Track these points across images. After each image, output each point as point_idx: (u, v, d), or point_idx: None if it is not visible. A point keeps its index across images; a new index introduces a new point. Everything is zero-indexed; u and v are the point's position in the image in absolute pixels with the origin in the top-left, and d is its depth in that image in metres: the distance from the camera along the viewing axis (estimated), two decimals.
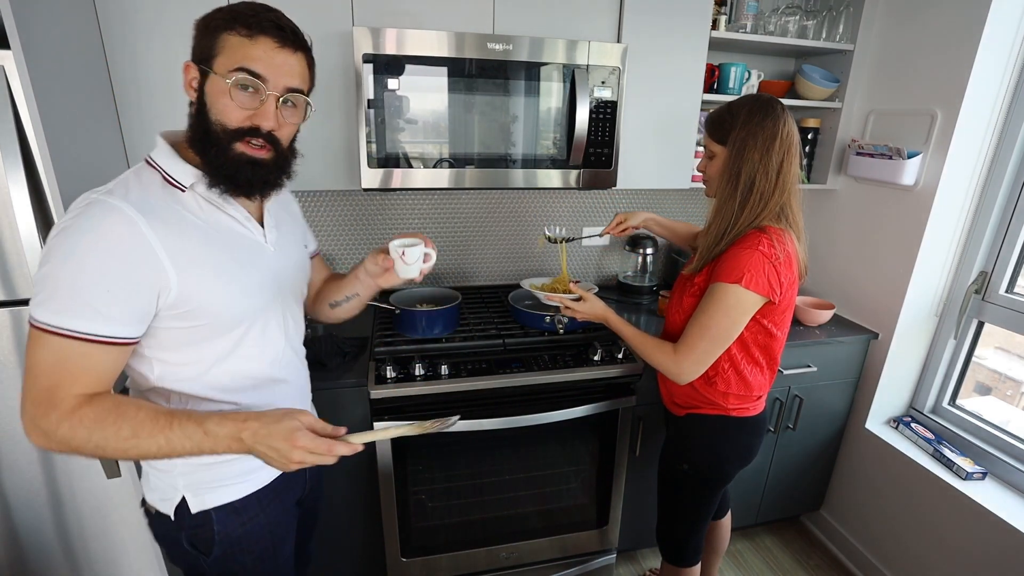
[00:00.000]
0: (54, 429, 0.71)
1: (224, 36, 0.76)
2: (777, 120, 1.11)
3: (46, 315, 0.70)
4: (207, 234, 0.82)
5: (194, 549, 0.91)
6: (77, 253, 0.70)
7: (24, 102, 1.05)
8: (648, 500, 1.80)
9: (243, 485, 0.92)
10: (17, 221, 1.08)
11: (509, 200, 2.01)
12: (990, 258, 1.66)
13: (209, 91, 0.78)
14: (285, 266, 0.95)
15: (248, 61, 0.76)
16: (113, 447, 0.72)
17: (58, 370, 0.71)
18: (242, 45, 0.76)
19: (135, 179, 0.78)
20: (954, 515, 1.61)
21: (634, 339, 1.29)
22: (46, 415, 0.71)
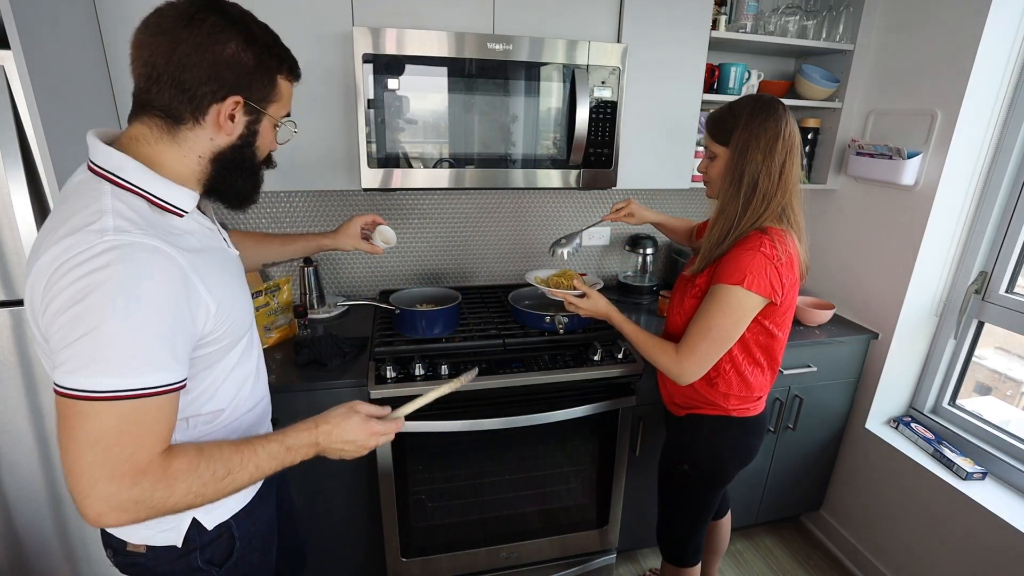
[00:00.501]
0: (149, 496, 0.65)
1: (280, 81, 0.78)
2: (779, 120, 1.11)
3: (109, 380, 0.62)
4: (209, 252, 0.78)
5: (210, 565, 0.87)
6: (140, 303, 0.63)
7: (24, 102, 1.05)
8: (648, 500, 1.81)
9: (247, 492, 0.93)
10: (17, 221, 1.08)
11: (509, 200, 2.01)
12: (990, 258, 1.66)
13: (261, 131, 0.80)
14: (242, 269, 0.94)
15: (288, 108, 0.83)
16: (212, 490, 0.70)
17: (134, 434, 0.64)
18: (287, 92, 0.81)
19: (124, 207, 0.68)
20: (954, 515, 1.61)
21: (636, 338, 1.29)
22: (135, 485, 0.64)
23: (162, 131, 0.73)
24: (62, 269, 0.62)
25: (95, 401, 0.62)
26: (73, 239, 0.63)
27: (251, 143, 0.79)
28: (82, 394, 0.61)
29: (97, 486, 0.63)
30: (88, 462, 0.62)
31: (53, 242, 0.64)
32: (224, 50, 0.70)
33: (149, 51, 0.69)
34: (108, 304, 0.61)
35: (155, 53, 0.69)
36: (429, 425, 1.43)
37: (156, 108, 0.72)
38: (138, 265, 0.64)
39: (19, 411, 1.25)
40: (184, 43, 0.69)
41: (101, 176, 0.71)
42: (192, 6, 0.70)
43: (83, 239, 0.63)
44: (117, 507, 0.64)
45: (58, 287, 0.62)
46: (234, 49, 0.71)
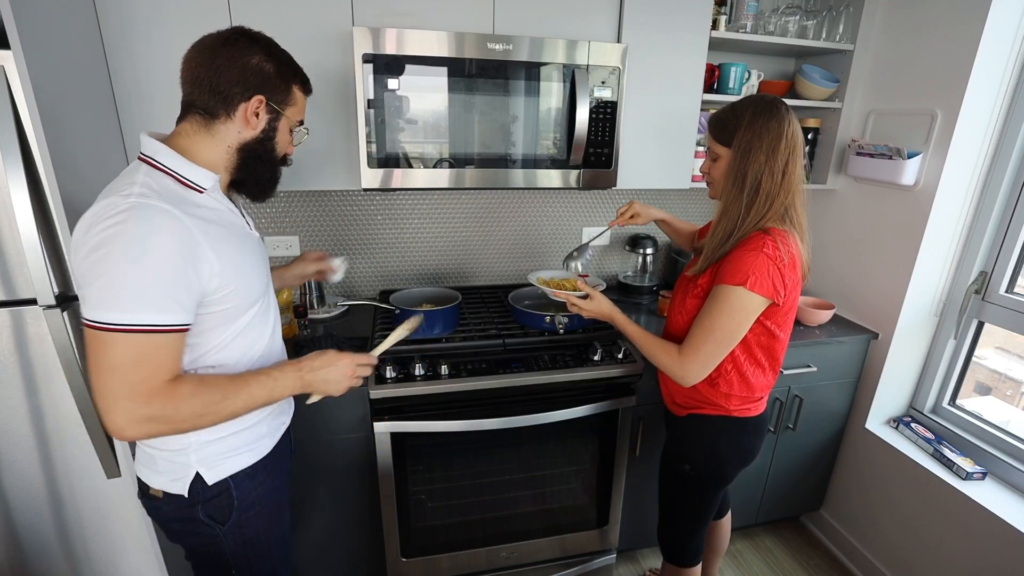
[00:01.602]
0: (159, 414, 0.79)
1: (295, 89, 0.95)
2: (782, 121, 1.11)
3: (122, 315, 0.75)
4: (224, 226, 0.91)
5: (211, 520, 0.97)
6: (148, 252, 0.76)
7: (24, 102, 1.05)
8: (648, 500, 1.81)
9: (252, 453, 1.01)
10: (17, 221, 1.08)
11: (509, 200, 2.01)
12: (990, 258, 1.66)
13: (280, 131, 0.96)
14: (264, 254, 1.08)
15: (303, 115, 1.01)
16: (212, 412, 0.84)
17: (146, 362, 0.78)
18: (303, 101, 0.99)
19: (152, 181, 0.83)
20: (954, 515, 1.61)
21: (640, 339, 1.28)
22: (148, 403, 0.78)
23: (200, 126, 0.90)
24: (90, 223, 0.77)
25: (112, 332, 0.76)
26: (105, 202, 0.78)
27: (271, 137, 0.95)
28: (101, 325, 0.75)
29: (118, 403, 0.77)
30: (110, 384, 0.77)
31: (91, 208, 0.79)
32: (251, 60, 0.89)
33: (195, 63, 0.88)
34: (122, 252, 0.75)
35: (199, 65, 0.87)
36: (429, 425, 1.43)
37: (197, 108, 0.89)
38: (150, 222, 0.78)
39: (19, 411, 1.25)
40: (220, 56, 0.87)
41: (142, 160, 0.88)
42: (228, 31, 0.90)
43: (112, 201, 0.78)
44: (134, 422, 0.78)
45: (86, 238, 0.76)
46: (258, 60, 0.89)
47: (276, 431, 1.09)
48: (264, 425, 1.05)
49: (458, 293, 1.66)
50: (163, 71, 1.33)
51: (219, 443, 0.97)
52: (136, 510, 1.39)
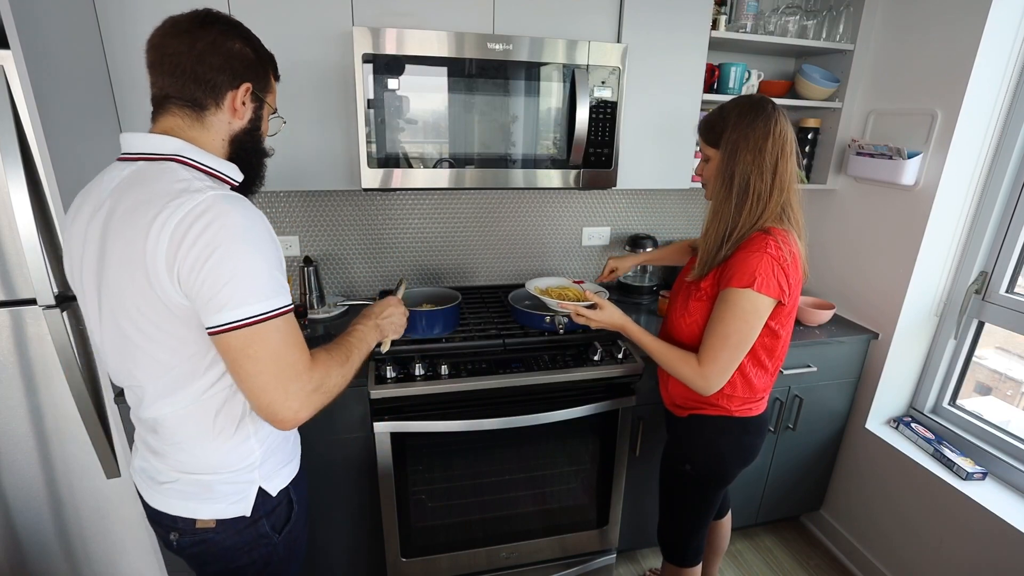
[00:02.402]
0: (320, 383, 0.82)
1: (270, 76, 0.92)
2: (768, 119, 1.11)
3: (267, 303, 0.76)
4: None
5: (272, 531, 0.97)
6: (259, 239, 0.77)
7: (24, 102, 1.05)
8: (648, 500, 1.81)
9: (296, 460, 1.05)
10: (17, 221, 1.08)
11: (509, 200, 2.01)
12: (990, 258, 1.66)
13: (264, 118, 0.93)
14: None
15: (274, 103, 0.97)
16: (346, 370, 0.90)
17: (293, 343, 0.80)
18: (275, 87, 0.95)
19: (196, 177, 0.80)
20: (954, 515, 1.61)
21: (657, 351, 1.24)
22: (310, 377, 0.81)
23: (192, 119, 0.84)
24: (182, 227, 0.72)
25: (263, 322, 0.76)
26: (177, 202, 0.74)
27: (258, 127, 0.92)
28: (253, 319, 0.75)
29: (289, 388, 0.78)
30: (277, 373, 0.77)
31: (154, 214, 0.73)
32: (233, 45, 0.84)
33: (172, 48, 0.80)
34: (239, 247, 0.74)
35: (176, 52, 0.80)
36: (429, 425, 1.43)
37: (181, 100, 0.82)
38: (244, 210, 0.77)
39: (19, 411, 1.25)
40: (200, 40, 0.81)
41: (161, 160, 0.81)
42: (200, 13, 0.83)
43: (187, 199, 0.74)
44: (305, 399, 0.80)
45: (186, 243, 0.72)
46: (239, 45, 0.85)
47: (298, 437, 1.11)
48: (293, 432, 1.06)
49: (458, 293, 1.65)
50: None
51: (275, 454, 0.97)
52: (136, 510, 1.39)
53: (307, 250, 1.88)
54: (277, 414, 0.78)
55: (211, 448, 0.88)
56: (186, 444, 0.88)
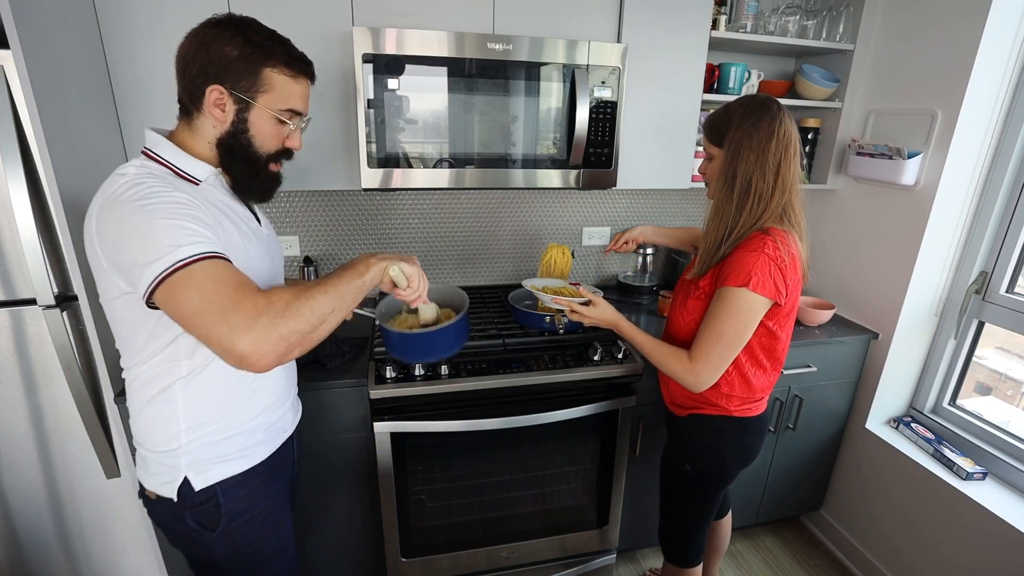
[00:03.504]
0: (271, 309, 0.76)
1: (268, 73, 0.85)
2: (773, 120, 1.11)
3: (177, 254, 0.74)
4: (225, 213, 0.90)
5: (200, 526, 0.95)
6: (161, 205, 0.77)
7: (24, 102, 1.05)
8: (648, 500, 1.81)
9: (244, 460, 0.97)
10: (17, 221, 1.08)
11: (509, 200, 2.01)
12: (990, 258, 1.66)
13: (253, 120, 0.87)
14: (275, 252, 1.06)
15: (295, 102, 0.90)
16: (318, 308, 0.80)
17: (226, 281, 0.76)
18: (288, 86, 0.88)
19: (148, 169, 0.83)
20: (954, 515, 1.61)
21: (648, 347, 1.26)
22: (254, 304, 0.75)
23: (184, 123, 0.89)
24: (102, 208, 0.78)
25: (178, 271, 0.73)
26: (105, 183, 0.81)
27: (243, 131, 0.88)
28: (168, 270, 0.73)
29: (231, 320, 0.73)
30: (212, 312, 0.73)
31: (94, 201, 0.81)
32: (213, 46, 0.82)
33: (179, 52, 0.85)
34: (142, 213, 0.75)
35: (179, 55, 0.85)
36: (429, 425, 1.43)
37: (179, 103, 0.88)
38: (152, 187, 0.79)
39: (19, 411, 1.25)
40: (191, 44, 0.83)
41: (143, 153, 0.88)
42: (217, 17, 0.85)
43: (112, 181, 0.80)
44: (261, 331, 0.74)
45: (102, 222, 0.78)
46: (225, 45, 0.83)
47: (274, 438, 1.05)
48: (260, 432, 1.00)
49: (465, 297, 1.30)
50: (163, 70, 1.32)
51: (211, 448, 0.93)
52: (136, 510, 1.39)
53: (307, 250, 1.88)
54: (233, 351, 0.73)
55: (140, 421, 0.92)
56: (131, 413, 0.94)
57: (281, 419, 1.07)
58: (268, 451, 1.03)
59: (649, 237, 1.65)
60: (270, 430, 1.03)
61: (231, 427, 0.95)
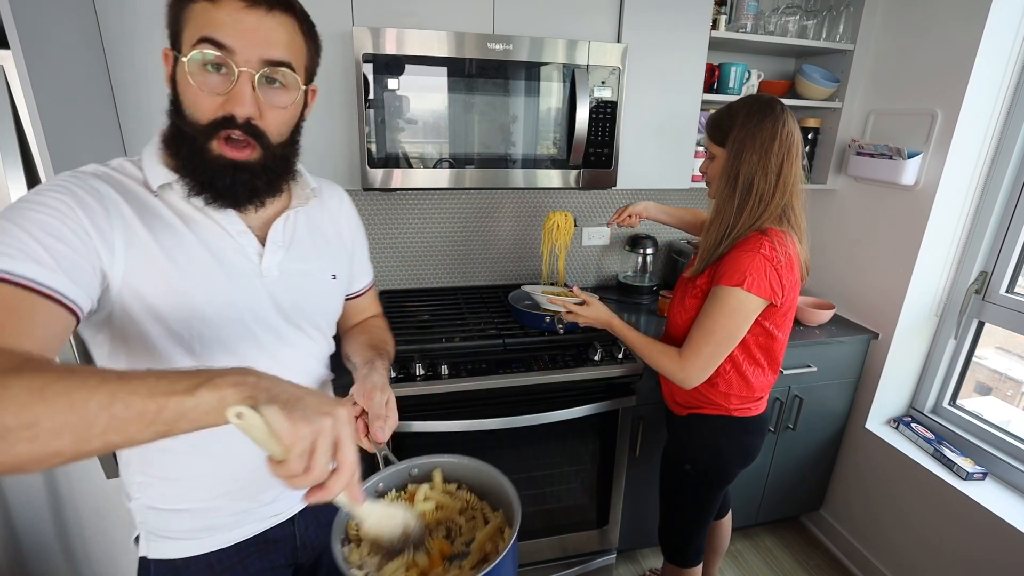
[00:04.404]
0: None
1: (188, 6, 0.63)
2: (776, 120, 1.11)
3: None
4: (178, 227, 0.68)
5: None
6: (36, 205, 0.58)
7: (24, 102, 1.05)
8: (648, 500, 1.80)
9: (192, 543, 0.78)
10: None
11: (509, 200, 2.01)
12: (990, 258, 1.66)
13: (178, 78, 0.64)
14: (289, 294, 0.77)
15: (210, 29, 0.60)
16: (33, 405, 0.42)
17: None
18: (204, 11, 0.61)
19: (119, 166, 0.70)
20: (954, 515, 1.61)
21: (639, 345, 1.28)
22: None
23: None
24: None
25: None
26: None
27: (175, 95, 0.66)
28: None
29: None
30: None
31: None
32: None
33: None
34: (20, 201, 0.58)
35: None
36: (429, 425, 1.43)
37: None
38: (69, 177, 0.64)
39: None
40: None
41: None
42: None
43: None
44: None
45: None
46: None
47: (243, 522, 0.80)
48: (222, 513, 0.77)
49: (508, 489, 0.82)
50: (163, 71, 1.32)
51: (156, 515, 0.76)
52: None
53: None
54: None
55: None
56: None
57: (273, 504, 0.82)
58: (230, 539, 0.79)
59: (652, 213, 1.63)
60: (239, 514, 0.79)
61: (182, 499, 0.76)
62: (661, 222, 1.66)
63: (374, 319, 1.02)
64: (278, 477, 0.48)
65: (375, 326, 0.99)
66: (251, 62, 0.62)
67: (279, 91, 0.66)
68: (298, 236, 0.79)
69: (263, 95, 0.64)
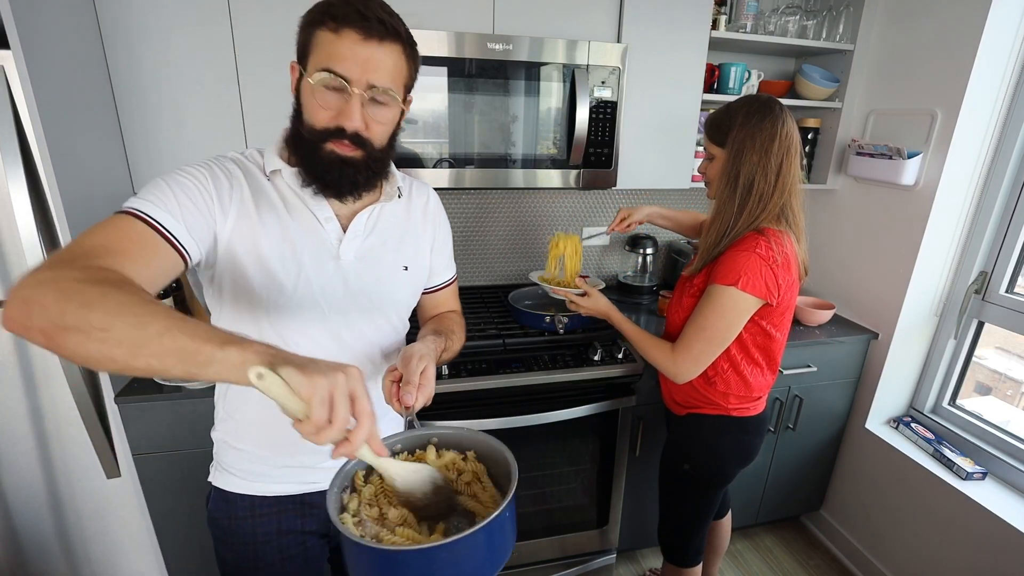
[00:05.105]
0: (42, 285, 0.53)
1: (316, 33, 0.73)
2: (776, 121, 1.11)
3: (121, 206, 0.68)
4: (283, 210, 0.81)
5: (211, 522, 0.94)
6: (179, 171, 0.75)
7: (24, 102, 1.05)
8: (648, 500, 1.80)
9: (242, 481, 0.89)
10: (17, 221, 1.08)
11: (509, 200, 2.01)
12: (990, 258, 1.66)
13: (303, 91, 0.76)
14: (360, 278, 0.86)
15: (332, 61, 0.71)
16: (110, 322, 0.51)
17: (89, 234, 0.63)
18: (329, 43, 0.72)
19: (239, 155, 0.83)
20: (954, 515, 1.61)
21: (635, 336, 1.31)
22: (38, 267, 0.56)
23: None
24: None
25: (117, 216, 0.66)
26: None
27: (298, 104, 0.79)
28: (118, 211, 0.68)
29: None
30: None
31: None
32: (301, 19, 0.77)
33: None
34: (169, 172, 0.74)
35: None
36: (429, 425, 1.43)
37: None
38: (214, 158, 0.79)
39: (19, 411, 1.25)
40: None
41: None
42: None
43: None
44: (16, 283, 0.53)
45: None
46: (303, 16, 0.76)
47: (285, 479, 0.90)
48: (268, 464, 0.88)
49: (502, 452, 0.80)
50: (163, 71, 1.32)
51: (226, 450, 0.90)
52: (136, 510, 1.39)
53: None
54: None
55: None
56: None
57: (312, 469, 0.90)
58: (267, 490, 0.90)
59: (655, 221, 1.61)
60: (288, 472, 0.90)
61: (240, 438, 0.88)
62: (661, 227, 1.66)
63: (451, 313, 1.08)
64: (304, 435, 0.53)
65: (450, 318, 1.05)
66: (361, 84, 0.73)
67: (382, 108, 0.77)
68: (379, 228, 0.88)
69: (369, 111, 0.76)
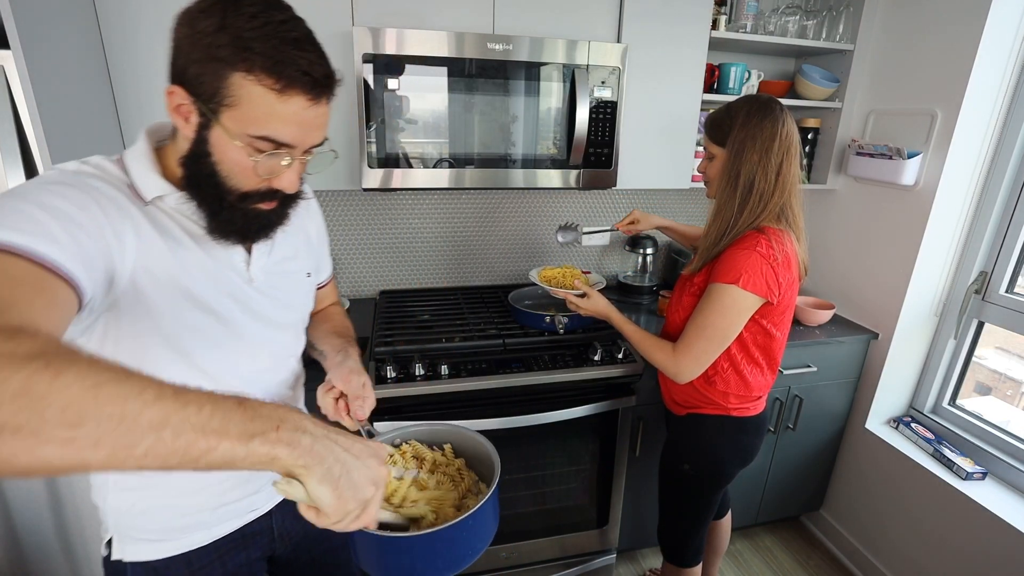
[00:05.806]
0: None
1: (239, 80, 0.58)
2: (776, 120, 1.11)
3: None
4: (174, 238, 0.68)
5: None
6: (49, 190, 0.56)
7: (24, 102, 1.05)
8: (648, 500, 1.80)
9: (168, 544, 0.77)
10: None
11: (509, 200, 2.01)
12: (990, 258, 1.66)
13: (216, 145, 0.62)
14: (275, 295, 0.81)
15: (274, 128, 0.61)
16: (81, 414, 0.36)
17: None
18: (268, 104, 0.59)
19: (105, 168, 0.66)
20: (954, 515, 1.61)
21: (635, 337, 1.30)
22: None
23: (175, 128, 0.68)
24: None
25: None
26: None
27: (205, 154, 0.63)
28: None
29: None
30: None
31: None
32: (192, 26, 0.60)
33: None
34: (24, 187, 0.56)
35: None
36: None
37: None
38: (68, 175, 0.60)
39: None
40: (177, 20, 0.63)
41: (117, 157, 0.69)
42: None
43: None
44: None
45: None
46: (198, 25, 0.59)
47: (222, 519, 0.80)
48: (201, 511, 0.77)
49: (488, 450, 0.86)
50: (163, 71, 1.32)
51: (131, 519, 0.75)
52: None
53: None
54: None
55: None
56: None
57: (250, 498, 0.83)
58: (210, 537, 0.80)
59: (663, 232, 1.66)
60: (220, 509, 0.80)
61: (156, 496, 0.74)
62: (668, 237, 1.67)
63: (333, 307, 1.09)
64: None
65: (335, 313, 1.06)
66: (303, 148, 0.67)
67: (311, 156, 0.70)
68: (278, 241, 0.81)
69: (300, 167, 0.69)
